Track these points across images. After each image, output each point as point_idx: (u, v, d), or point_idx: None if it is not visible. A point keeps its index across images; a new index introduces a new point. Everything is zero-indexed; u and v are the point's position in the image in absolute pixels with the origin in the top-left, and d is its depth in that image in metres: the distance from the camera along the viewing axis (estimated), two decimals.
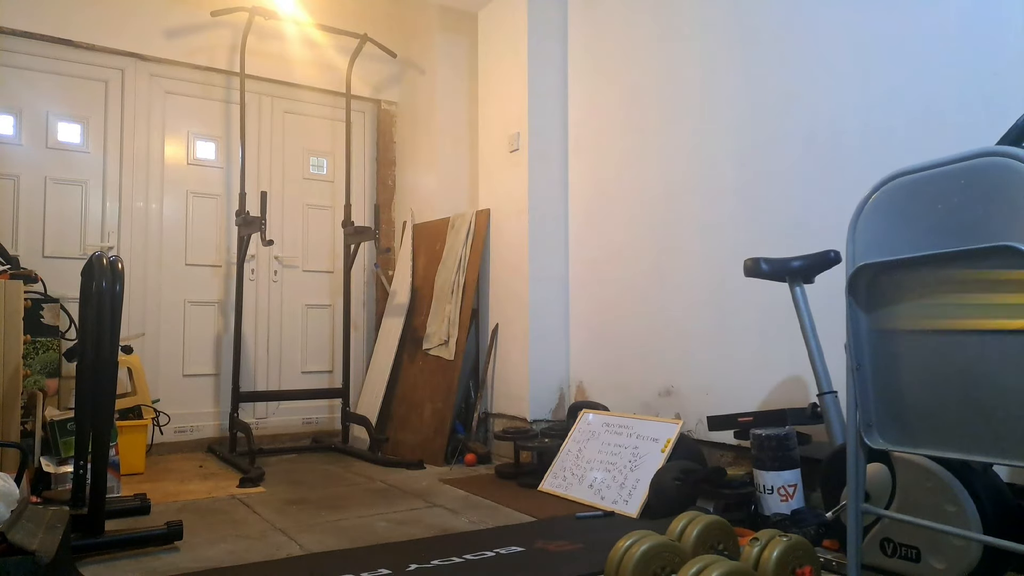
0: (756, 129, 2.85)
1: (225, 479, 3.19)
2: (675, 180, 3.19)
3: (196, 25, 4.05)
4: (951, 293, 1.36)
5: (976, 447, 1.34)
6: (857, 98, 2.51)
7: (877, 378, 1.48)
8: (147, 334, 3.88)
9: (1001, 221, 1.27)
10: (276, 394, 4.12)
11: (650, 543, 1.62)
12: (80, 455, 2.13)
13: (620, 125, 3.50)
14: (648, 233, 3.31)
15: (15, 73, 3.65)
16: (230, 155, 4.20)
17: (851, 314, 1.50)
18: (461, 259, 3.91)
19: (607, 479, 2.75)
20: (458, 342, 3.75)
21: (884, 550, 1.78)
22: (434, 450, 3.60)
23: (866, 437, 1.49)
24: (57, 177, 3.75)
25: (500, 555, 2.06)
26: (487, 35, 4.10)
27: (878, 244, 1.46)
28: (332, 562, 2.02)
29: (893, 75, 2.40)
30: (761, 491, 2.28)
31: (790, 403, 2.59)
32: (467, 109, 4.38)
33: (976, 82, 2.18)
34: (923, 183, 1.41)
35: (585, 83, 3.74)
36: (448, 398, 3.70)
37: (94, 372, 2.07)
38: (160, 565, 2.01)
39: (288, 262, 4.34)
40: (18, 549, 1.50)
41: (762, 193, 2.81)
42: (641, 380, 3.27)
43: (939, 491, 1.67)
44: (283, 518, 2.54)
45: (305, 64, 4.39)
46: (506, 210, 3.86)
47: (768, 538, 1.65)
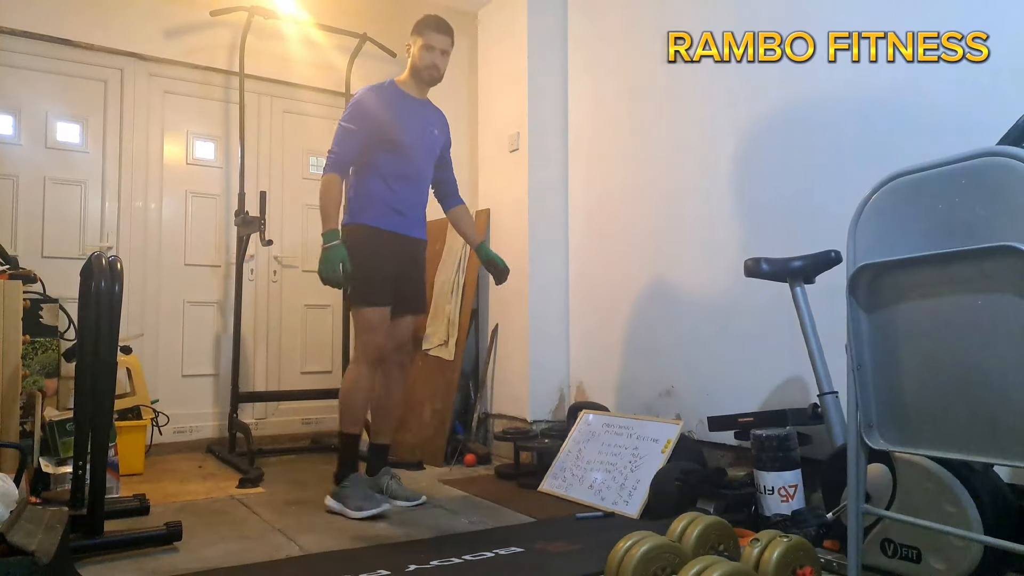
0: (757, 128, 2.85)
1: (224, 479, 3.19)
2: (676, 179, 3.19)
3: (195, 25, 4.04)
4: (951, 293, 1.36)
5: (976, 447, 1.34)
6: (858, 97, 2.51)
7: (878, 378, 1.48)
8: (146, 334, 3.87)
9: (1001, 221, 1.27)
10: (276, 394, 4.11)
11: (650, 544, 1.62)
12: (79, 455, 2.12)
13: (620, 125, 3.50)
14: (648, 233, 3.31)
15: (14, 73, 3.65)
16: (229, 155, 4.19)
17: (851, 314, 1.50)
18: (461, 259, 3.90)
19: (607, 480, 2.75)
20: (458, 342, 3.74)
21: (885, 551, 1.78)
22: (434, 451, 3.60)
23: (867, 437, 1.49)
24: (56, 177, 3.74)
25: (500, 556, 2.06)
26: (487, 35, 4.10)
27: (878, 244, 1.46)
28: (331, 563, 2.02)
29: (894, 73, 2.40)
30: (761, 492, 2.28)
31: (790, 403, 2.59)
32: (467, 109, 4.37)
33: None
34: (923, 183, 1.40)
35: (585, 83, 3.74)
36: (448, 398, 3.69)
37: (93, 372, 2.07)
38: (159, 566, 2.00)
39: (288, 262, 4.33)
40: (17, 550, 1.49)
41: (763, 192, 2.81)
42: (641, 380, 3.27)
43: (940, 491, 1.67)
44: (283, 518, 2.54)
45: (305, 64, 4.38)
46: (506, 210, 3.86)
47: (768, 539, 1.65)
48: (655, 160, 3.29)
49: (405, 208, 2.75)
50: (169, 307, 4.00)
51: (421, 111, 2.82)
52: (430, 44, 2.76)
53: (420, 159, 2.81)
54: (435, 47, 2.77)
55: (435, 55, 2.77)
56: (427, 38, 2.76)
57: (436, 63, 2.77)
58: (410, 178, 2.77)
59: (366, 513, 2.51)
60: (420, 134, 2.79)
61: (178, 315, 4.03)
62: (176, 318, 4.02)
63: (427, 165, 2.86)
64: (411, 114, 2.78)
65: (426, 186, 2.89)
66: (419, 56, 2.77)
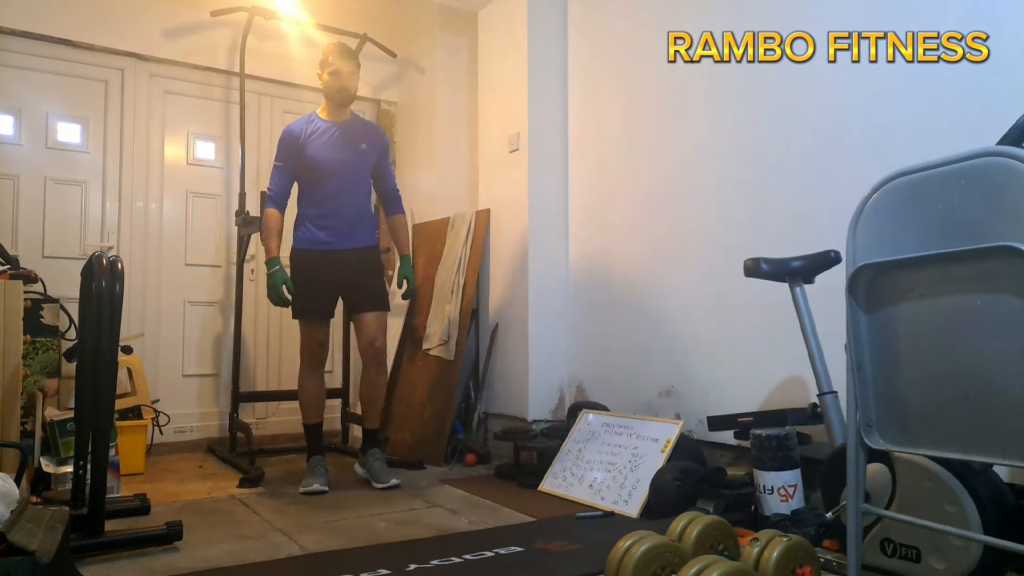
0: (757, 128, 2.85)
1: (225, 479, 3.19)
2: (675, 180, 3.19)
3: (196, 25, 4.04)
4: (951, 293, 1.36)
5: (976, 447, 1.34)
6: (858, 97, 2.51)
7: (877, 378, 1.48)
8: (147, 334, 3.88)
9: (1001, 221, 1.27)
10: (276, 394, 4.12)
11: (650, 543, 1.62)
12: (80, 455, 2.13)
13: (620, 125, 3.50)
14: (648, 233, 3.31)
15: (15, 73, 3.65)
16: (230, 155, 4.20)
17: (851, 314, 1.50)
18: (461, 259, 3.90)
19: (607, 479, 2.75)
20: (458, 342, 3.75)
21: (884, 550, 1.78)
22: (434, 450, 3.60)
23: (866, 437, 1.49)
24: (57, 177, 3.75)
25: (500, 555, 2.06)
26: (487, 35, 4.10)
27: (878, 244, 1.46)
28: (332, 562, 2.02)
29: (894, 73, 2.40)
30: (761, 491, 2.28)
31: (790, 403, 2.59)
32: (467, 109, 4.37)
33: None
34: (923, 183, 1.40)
35: (585, 83, 3.74)
36: (448, 398, 3.69)
37: (94, 372, 2.07)
38: (160, 565, 2.01)
39: (288, 262, 4.33)
40: (18, 549, 1.49)
41: (762, 193, 2.81)
42: (641, 380, 3.27)
43: (939, 491, 1.66)
44: (283, 518, 2.54)
45: (305, 64, 4.37)
46: (506, 210, 3.86)
47: (768, 538, 1.65)
48: (655, 160, 3.29)
49: (337, 224, 3.07)
50: (170, 307, 4.01)
51: (343, 132, 3.11)
52: (335, 70, 3.07)
53: (347, 176, 3.10)
54: (340, 71, 3.08)
55: (340, 78, 3.07)
56: (332, 64, 3.08)
57: (344, 85, 3.09)
58: (338, 196, 3.08)
59: (302, 488, 2.90)
60: (343, 153, 3.08)
61: (179, 315, 4.03)
62: (177, 318, 4.02)
63: (359, 180, 3.15)
64: (331, 137, 3.08)
65: (362, 199, 3.17)
66: (328, 82, 3.10)
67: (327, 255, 3.06)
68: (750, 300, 2.78)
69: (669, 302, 3.18)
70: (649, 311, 3.27)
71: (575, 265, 3.74)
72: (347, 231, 3.09)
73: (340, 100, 3.11)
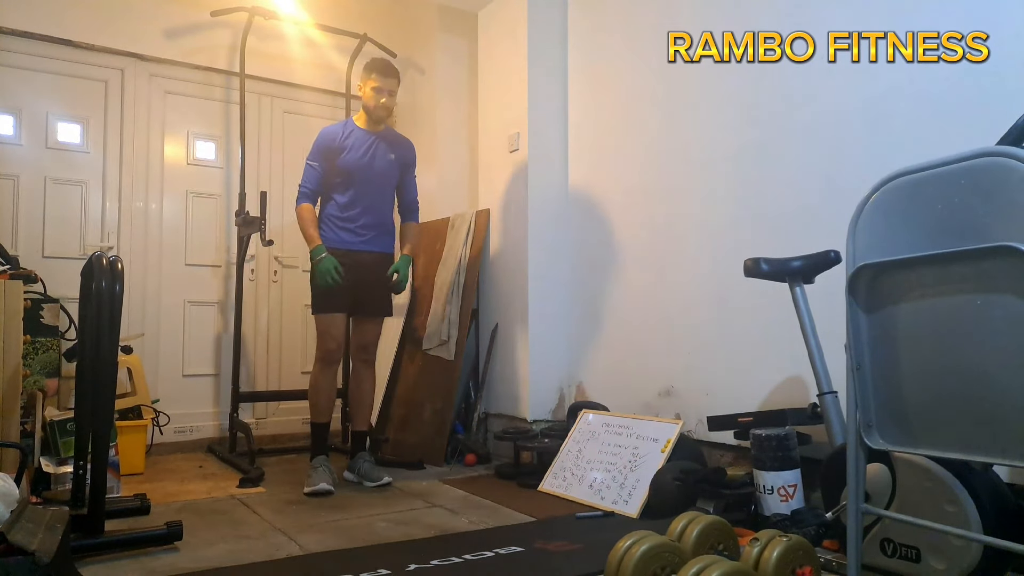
0: (757, 128, 2.85)
1: (225, 479, 3.19)
2: (676, 179, 3.19)
3: (196, 25, 4.04)
4: (951, 293, 1.36)
5: (976, 447, 1.34)
6: (858, 97, 2.51)
7: (877, 378, 1.48)
8: (147, 334, 3.88)
9: (1000, 221, 1.27)
10: (276, 394, 4.12)
11: (650, 543, 1.62)
12: (80, 455, 2.13)
13: (620, 125, 3.50)
14: (648, 233, 3.31)
15: (15, 73, 3.65)
16: (230, 155, 4.20)
17: (851, 314, 1.50)
18: (461, 259, 3.90)
19: (607, 479, 2.75)
20: (458, 342, 3.75)
21: (884, 550, 1.78)
22: (434, 450, 3.60)
23: (866, 437, 1.49)
24: (57, 177, 3.75)
25: (500, 555, 2.06)
26: (487, 35, 4.10)
27: (878, 244, 1.46)
28: (332, 562, 2.02)
29: (894, 73, 2.40)
30: (761, 491, 2.28)
31: (790, 403, 2.59)
32: (467, 109, 4.37)
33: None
34: (923, 183, 1.40)
35: (585, 83, 3.74)
36: (448, 398, 3.69)
37: (94, 372, 2.07)
38: (160, 565, 2.01)
39: (288, 262, 4.34)
40: (18, 549, 1.49)
41: (762, 193, 2.81)
42: (641, 380, 3.27)
43: (939, 491, 1.66)
44: (283, 518, 2.54)
45: (305, 64, 4.39)
46: (506, 210, 3.86)
47: (768, 538, 1.65)
48: (655, 160, 3.29)
49: (358, 228, 3.16)
50: (170, 307, 4.01)
51: (378, 144, 3.20)
52: (378, 87, 3.15)
53: (375, 184, 3.19)
54: (383, 88, 3.16)
55: (383, 95, 3.16)
56: (375, 81, 3.16)
57: (385, 103, 3.17)
58: (362, 201, 3.16)
59: (307, 488, 2.90)
60: (375, 163, 3.18)
61: (179, 315, 4.03)
62: (177, 318, 4.02)
63: (385, 189, 3.25)
64: (367, 148, 3.16)
65: (386, 207, 3.28)
66: (369, 97, 3.18)
67: (347, 255, 3.12)
68: (750, 300, 2.78)
69: (669, 302, 3.18)
70: (649, 310, 3.27)
71: (575, 265, 3.74)
72: (367, 235, 3.18)
73: (377, 117, 3.20)
